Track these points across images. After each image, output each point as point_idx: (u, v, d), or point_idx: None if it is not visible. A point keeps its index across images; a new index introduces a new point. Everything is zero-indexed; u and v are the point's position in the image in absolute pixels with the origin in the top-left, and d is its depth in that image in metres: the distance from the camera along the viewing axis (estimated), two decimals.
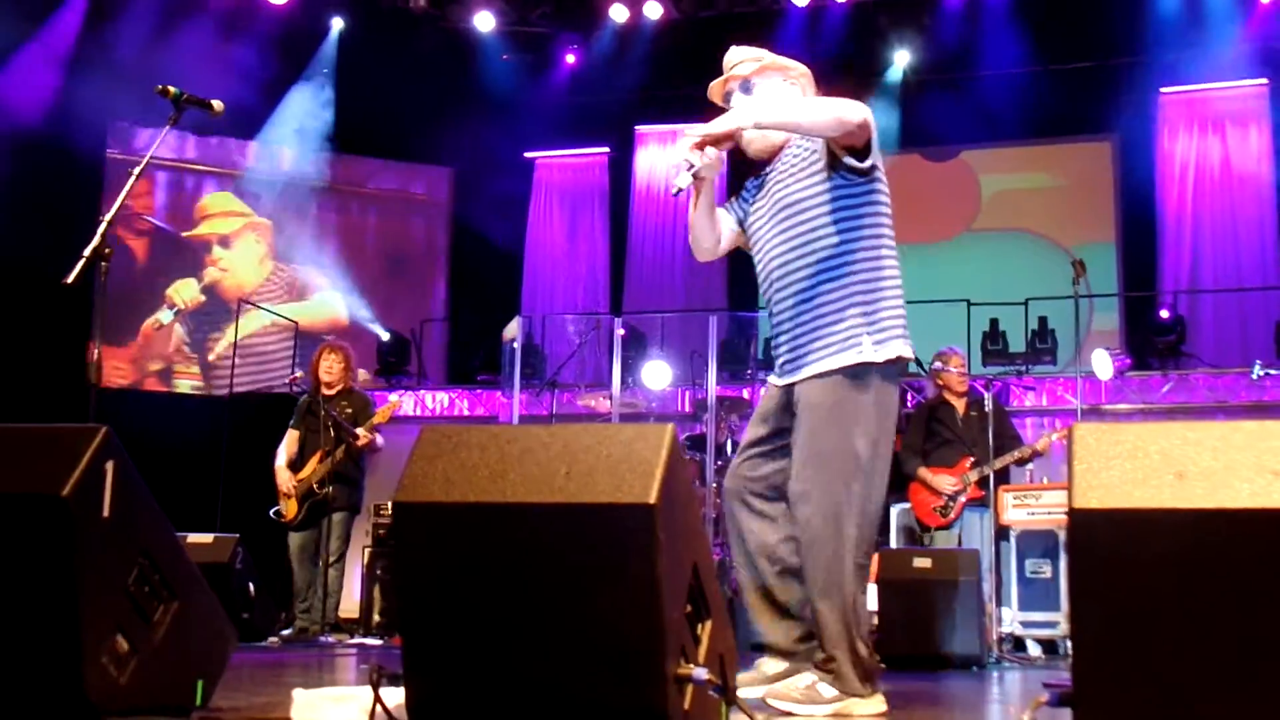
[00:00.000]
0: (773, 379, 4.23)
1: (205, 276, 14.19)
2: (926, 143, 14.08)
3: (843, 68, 13.49)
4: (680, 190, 3.89)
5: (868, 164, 4.00)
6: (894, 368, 4.04)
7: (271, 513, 8.82)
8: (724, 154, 4.06)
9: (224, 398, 12.56)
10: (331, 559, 8.77)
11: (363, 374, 9.89)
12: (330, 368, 8.87)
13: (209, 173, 13.86)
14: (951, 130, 13.64)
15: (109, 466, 3.19)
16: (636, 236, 14.89)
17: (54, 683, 3.13)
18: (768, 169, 4.27)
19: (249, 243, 14.38)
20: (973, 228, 14.19)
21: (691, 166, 3.88)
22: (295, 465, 8.81)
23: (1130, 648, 2.64)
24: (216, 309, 14.02)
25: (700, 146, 3.88)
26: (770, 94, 4.19)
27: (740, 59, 4.24)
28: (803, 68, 4.30)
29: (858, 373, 3.94)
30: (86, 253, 3.93)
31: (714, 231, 4.24)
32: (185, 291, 14.04)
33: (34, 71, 12.05)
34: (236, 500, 10.56)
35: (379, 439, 8.86)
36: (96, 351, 4.31)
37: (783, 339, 4.11)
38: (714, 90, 4.29)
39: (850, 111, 3.87)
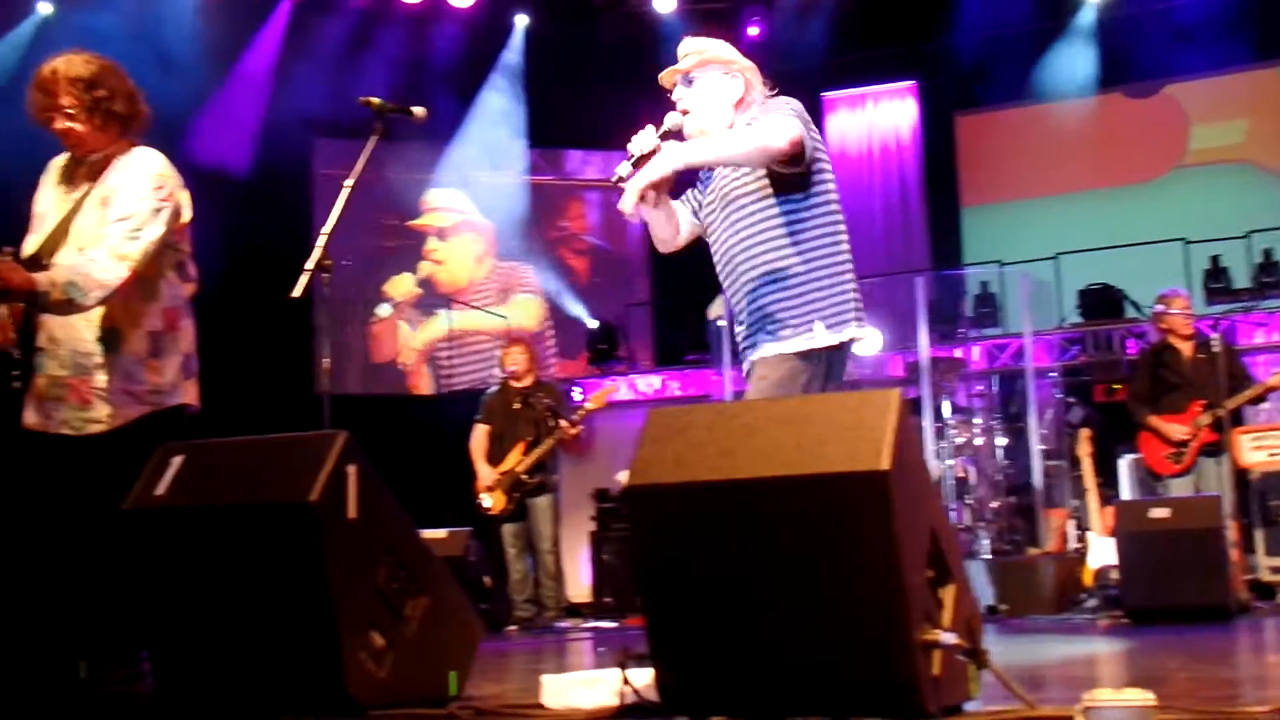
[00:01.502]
0: (746, 360, 4.16)
1: (420, 270, 14.54)
2: (1127, 79, 13.63)
3: (1035, 12, 13.15)
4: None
5: (799, 169, 3.95)
6: (845, 350, 4.02)
7: (481, 505, 8.99)
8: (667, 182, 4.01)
9: (444, 395, 12.86)
10: (546, 544, 8.91)
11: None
12: (515, 360, 9.04)
13: (417, 179, 14.17)
14: (1153, 64, 13.18)
15: (351, 470, 3.30)
16: None
17: (318, 681, 3.25)
18: None
19: (466, 240, 14.68)
20: (1182, 164, 13.68)
21: (637, 214, 4.03)
22: (493, 458, 8.98)
23: None
24: (431, 303, 14.37)
25: (641, 198, 3.92)
26: (709, 88, 4.18)
27: (686, 52, 4.26)
28: (746, 61, 4.27)
29: (809, 356, 3.92)
30: (309, 265, 4.03)
31: (671, 225, 4.26)
32: (400, 286, 14.42)
33: (241, 96, 12.49)
34: (462, 495, 10.80)
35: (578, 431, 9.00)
36: (326, 360, 4.44)
37: (740, 328, 4.12)
38: (663, 78, 4.30)
39: (775, 138, 3.84)
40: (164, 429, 4.03)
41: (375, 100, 4.44)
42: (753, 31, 14.25)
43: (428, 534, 8.11)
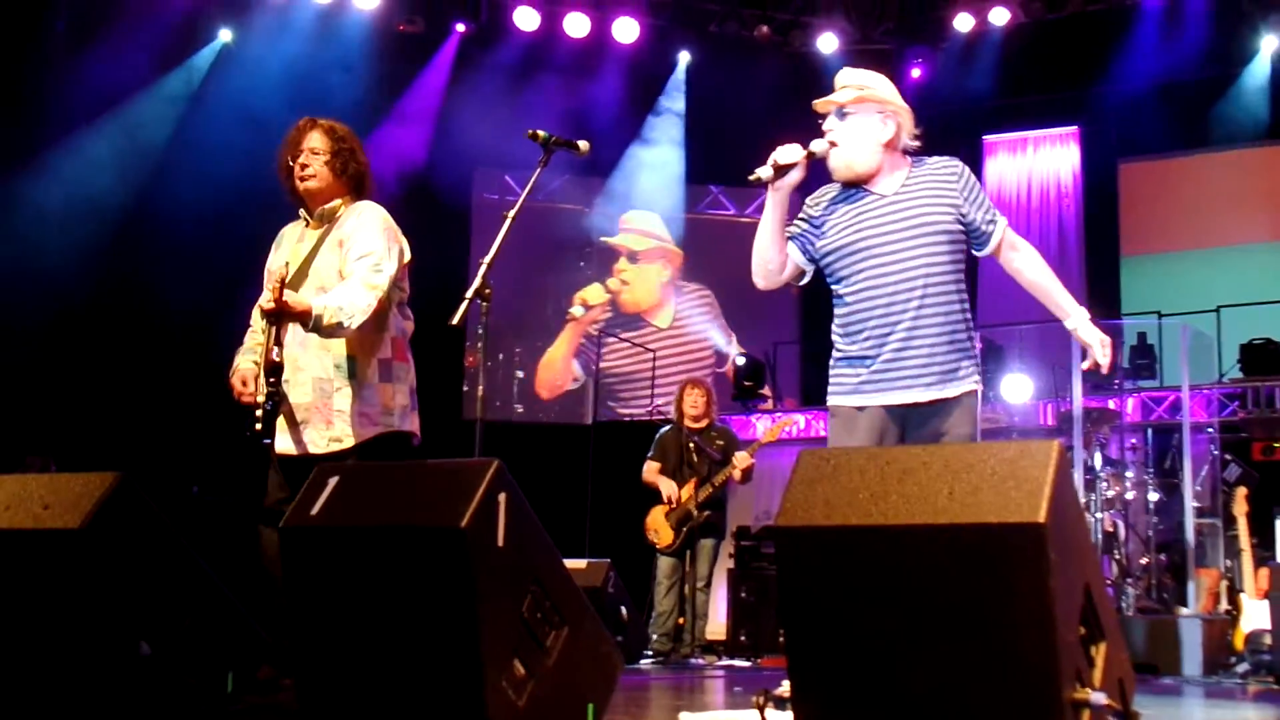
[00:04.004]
0: (877, 400, 4.21)
1: (609, 286, 14.71)
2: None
3: (1205, 60, 12.86)
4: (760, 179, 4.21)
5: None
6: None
7: (650, 538, 9.02)
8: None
9: (588, 425, 12.94)
10: (700, 583, 8.94)
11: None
12: (695, 403, 9.10)
13: (570, 211, 14.35)
14: None
15: (502, 498, 3.33)
16: None
17: (458, 707, 3.28)
18: (860, 190, 4.34)
19: (656, 267, 14.84)
20: None
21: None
22: (660, 496, 9.02)
23: None
24: (614, 320, 14.54)
25: (778, 170, 4.24)
26: (862, 126, 4.28)
27: (845, 84, 4.33)
28: (902, 103, 4.35)
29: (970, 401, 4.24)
30: (469, 294, 4.13)
31: (781, 253, 4.35)
32: (594, 294, 14.61)
33: (408, 125, 12.76)
34: (603, 525, 10.84)
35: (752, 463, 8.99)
36: (481, 387, 4.51)
37: (921, 352, 4.19)
38: (818, 105, 4.37)
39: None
40: (395, 450, 4.42)
41: (542, 133, 4.51)
42: (915, 73, 14.17)
43: (569, 564, 8.17)
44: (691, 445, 8.96)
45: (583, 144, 4.56)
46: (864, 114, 4.27)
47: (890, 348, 4.17)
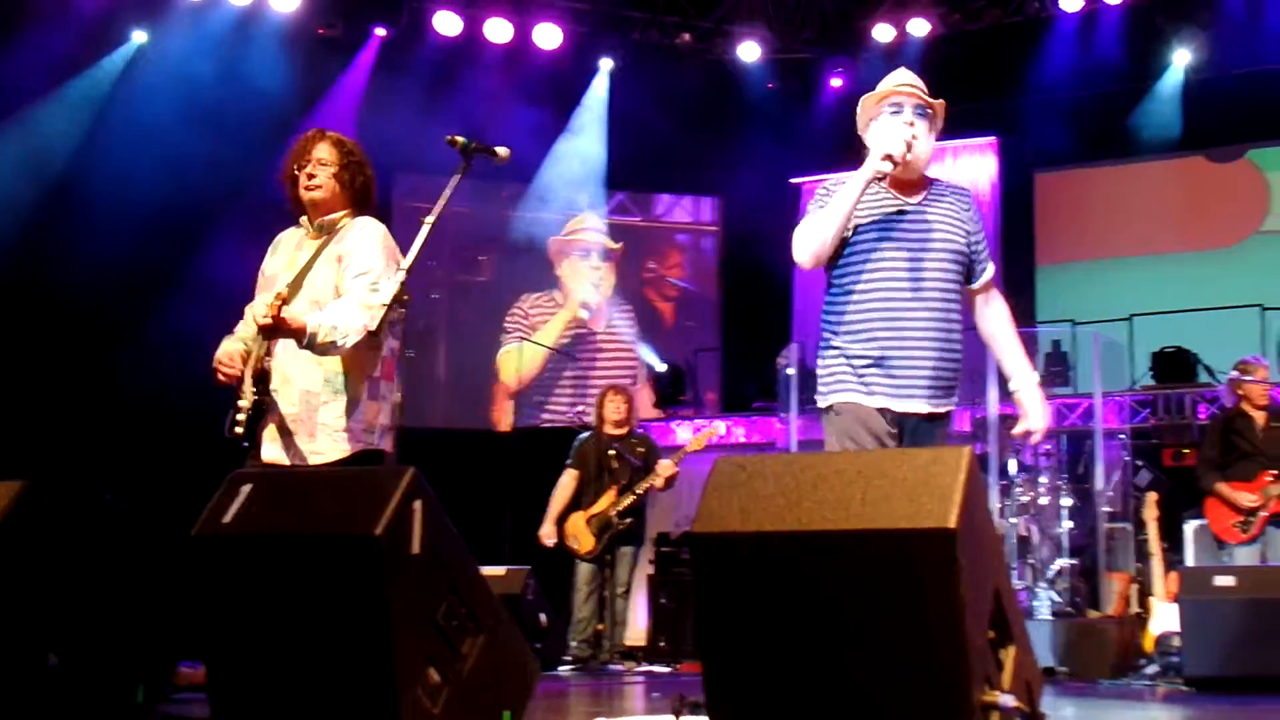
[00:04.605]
0: (883, 402, 4.26)
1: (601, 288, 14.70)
2: (1209, 144, 13.51)
3: (1119, 72, 13.06)
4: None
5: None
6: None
7: (542, 542, 9.01)
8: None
9: (508, 432, 12.89)
10: (620, 589, 8.94)
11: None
12: (619, 408, 9.10)
13: (493, 215, 14.29)
14: (1235, 129, 13.07)
15: (417, 506, 3.32)
16: None
17: (373, 714, 3.27)
18: (886, 192, 4.41)
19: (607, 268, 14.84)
20: (1262, 229, 13.51)
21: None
22: (580, 505, 9.01)
23: None
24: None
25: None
26: (928, 136, 4.41)
27: (914, 85, 4.46)
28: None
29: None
30: (387, 299, 4.09)
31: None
32: (591, 294, 14.58)
33: (327, 128, 12.61)
34: (522, 532, 10.82)
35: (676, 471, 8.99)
36: (398, 394, 4.48)
37: (928, 364, 4.28)
38: (915, 89, 4.45)
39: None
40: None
41: (460, 139, 4.48)
42: (836, 83, 14.26)
43: (487, 571, 8.13)
44: (612, 452, 8.94)
45: (501, 150, 4.54)
46: (929, 121, 4.41)
47: (902, 355, 4.24)
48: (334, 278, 4.39)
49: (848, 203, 4.28)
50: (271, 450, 4.33)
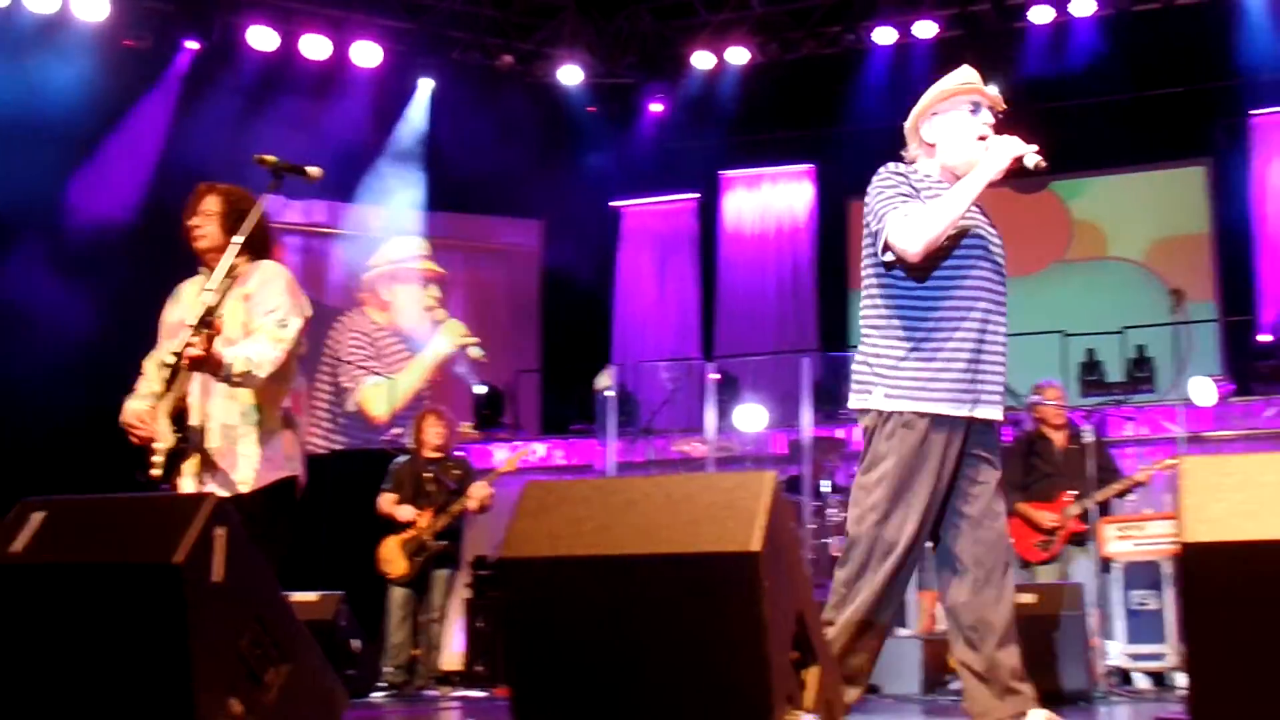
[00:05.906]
0: (967, 410, 4.32)
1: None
2: (1014, 175, 13.94)
3: None
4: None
5: None
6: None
7: (383, 569, 8.90)
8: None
9: (324, 454, 12.71)
10: (435, 614, 8.86)
11: (466, 427, 9.99)
12: (439, 432, 9.04)
13: (315, 233, 14.07)
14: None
15: (220, 533, 3.25)
16: (726, 281, 14.89)
17: None
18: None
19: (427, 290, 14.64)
20: (1064, 258, 14.02)
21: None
22: (394, 526, 8.91)
23: (1247, 681, 2.59)
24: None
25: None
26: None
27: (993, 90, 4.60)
28: None
29: None
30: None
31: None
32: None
33: (130, 150, 12.26)
34: (337, 557, 10.64)
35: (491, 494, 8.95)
36: (200, 416, 4.42)
37: (998, 368, 4.40)
38: (996, 96, 4.69)
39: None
40: (291, 495, 4.68)
41: (270, 158, 4.44)
42: (656, 108, 14.40)
43: (298, 597, 7.99)
44: (428, 475, 8.88)
45: (312, 170, 4.49)
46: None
47: (980, 360, 4.30)
48: (242, 315, 4.54)
49: (968, 198, 4.30)
50: (190, 486, 4.44)
